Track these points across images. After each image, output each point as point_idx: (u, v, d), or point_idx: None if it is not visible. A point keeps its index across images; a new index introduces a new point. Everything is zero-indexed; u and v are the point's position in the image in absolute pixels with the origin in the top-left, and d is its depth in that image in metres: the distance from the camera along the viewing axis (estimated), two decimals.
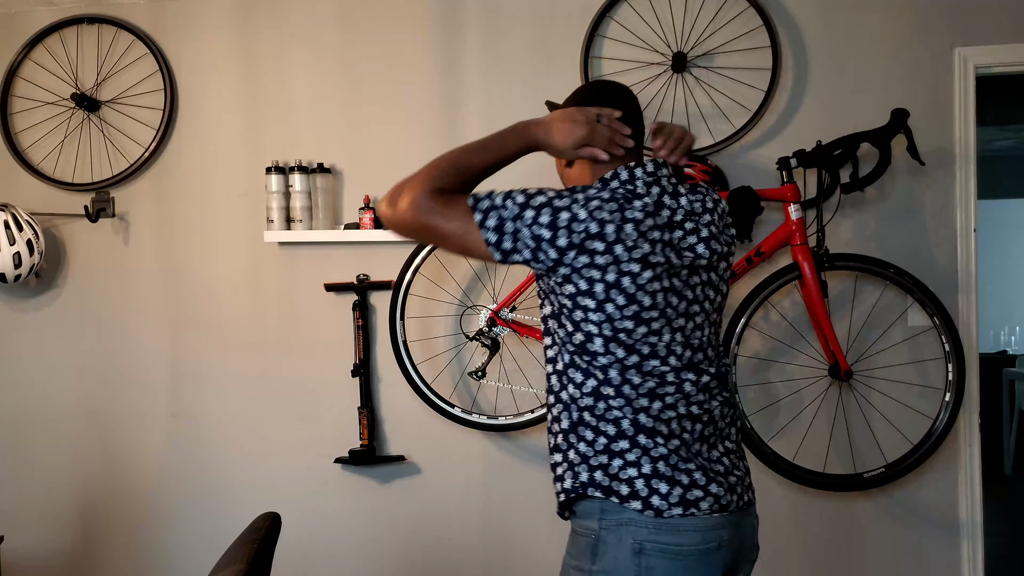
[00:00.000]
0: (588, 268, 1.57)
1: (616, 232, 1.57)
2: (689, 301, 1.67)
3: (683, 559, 1.59)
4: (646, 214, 1.61)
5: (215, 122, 3.34)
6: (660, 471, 1.60)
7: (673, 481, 1.60)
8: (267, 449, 3.28)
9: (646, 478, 1.60)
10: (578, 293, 1.60)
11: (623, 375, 1.62)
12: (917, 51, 2.93)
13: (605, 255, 1.57)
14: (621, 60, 3.05)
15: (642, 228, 1.59)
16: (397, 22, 3.21)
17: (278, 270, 3.27)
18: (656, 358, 1.63)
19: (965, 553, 2.93)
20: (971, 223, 2.91)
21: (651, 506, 1.59)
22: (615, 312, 1.59)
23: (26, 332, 3.45)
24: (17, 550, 3.35)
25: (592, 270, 1.58)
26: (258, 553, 1.73)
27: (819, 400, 2.95)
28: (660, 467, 1.61)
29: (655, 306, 1.61)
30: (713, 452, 1.69)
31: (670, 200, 1.67)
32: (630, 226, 1.58)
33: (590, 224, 1.57)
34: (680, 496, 1.60)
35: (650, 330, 1.61)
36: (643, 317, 1.60)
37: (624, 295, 1.58)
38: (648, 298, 1.60)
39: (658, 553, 1.58)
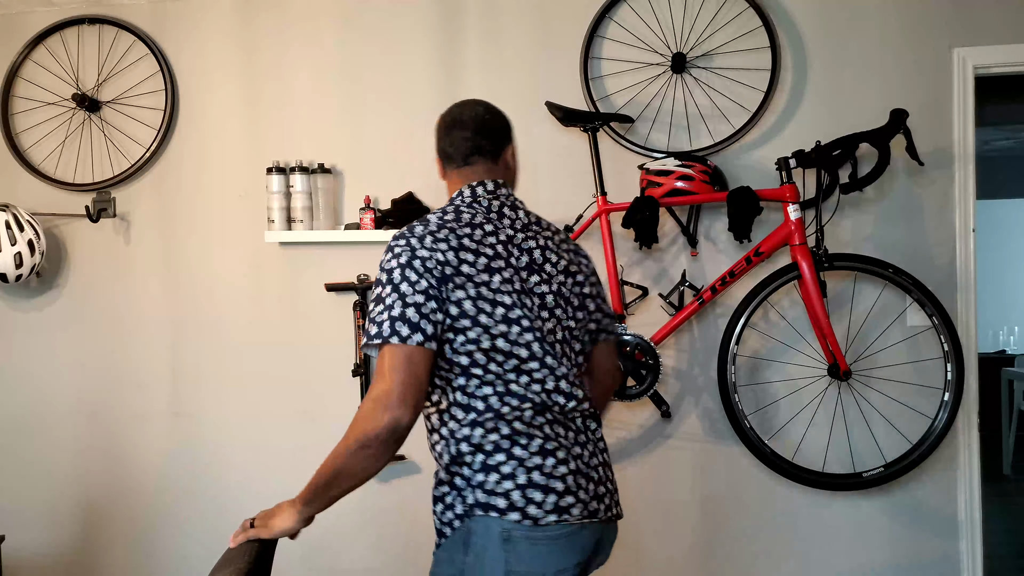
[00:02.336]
0: (455, 290, 1.68)
1: (455, 253, 1.70)
2: (539, 305, 1.76)
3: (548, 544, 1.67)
4: (476, 225, 1.76)
5: (216, 122, 3.34)
6: (535, 480, 1.67)
7: (548, 489, 1.67)
8: (267, 449, 3.28)
9: (522, 489, 1.66)
10: (456, 318, 1.68)
11: (499, 389, 1.70)
12: (916, 51, 2.94)
13: (459, 276, 1.69)
14: (621, 61, 3.05)
15: (476, 237, 1.74)
16: (397, 22, 3.21)
17: (279, 270, 3.28)
18: (535, 360, 1.71)
19: (964, 552, 2.94)
20: (970, 223, 2.92)
21: (528, 515, 1.65)
22: (488, 321, 1.69)
23: (27, 332, 3.45)
24: (18, 549, 3.35)
25: (458, 291, 1.68)
26: (258, 553, 1.74)
27: (818, 400, 2.96)
28: (535, 476, 1.67)
29: (516, 305, 1.71)
30: (592, 459, 1.78)
31: (510, 211, 1.83)
32: (466, 240, 1.73)
33: (436, 255, 1.69)
34: (554, 504, 1.66)
35: (522, 328, 1.71)
36: (510, 317, 1.70)
37: (489, 303, 1.69)
38: (508, 298, 1.71)
39: (524, 539, 1.65)
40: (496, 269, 1.73)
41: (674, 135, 3.03)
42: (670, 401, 2.99)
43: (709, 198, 2.84)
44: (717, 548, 3.05)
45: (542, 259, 1.81)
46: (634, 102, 3.05)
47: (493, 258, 1.74)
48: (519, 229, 1.82)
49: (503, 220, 1.81)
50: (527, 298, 1.74)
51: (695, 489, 3.05)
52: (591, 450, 1.79)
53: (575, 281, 1.86)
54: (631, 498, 3.07)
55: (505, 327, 1.70)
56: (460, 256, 1.71)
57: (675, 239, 3.04)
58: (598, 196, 2.87)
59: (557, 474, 1.68)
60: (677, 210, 2.96)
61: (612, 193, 2.91)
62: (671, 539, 3.07)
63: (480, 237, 1.75)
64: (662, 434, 3.06)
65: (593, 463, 1.78)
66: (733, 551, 3.04)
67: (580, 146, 3.00)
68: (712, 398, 3.00)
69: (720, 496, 3.04)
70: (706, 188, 2.84)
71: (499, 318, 1.70)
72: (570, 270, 1.86)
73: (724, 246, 3.00)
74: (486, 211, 1.81)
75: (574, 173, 3.03)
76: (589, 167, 2.90)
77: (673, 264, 3.03)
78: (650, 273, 3.05)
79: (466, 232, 1.74)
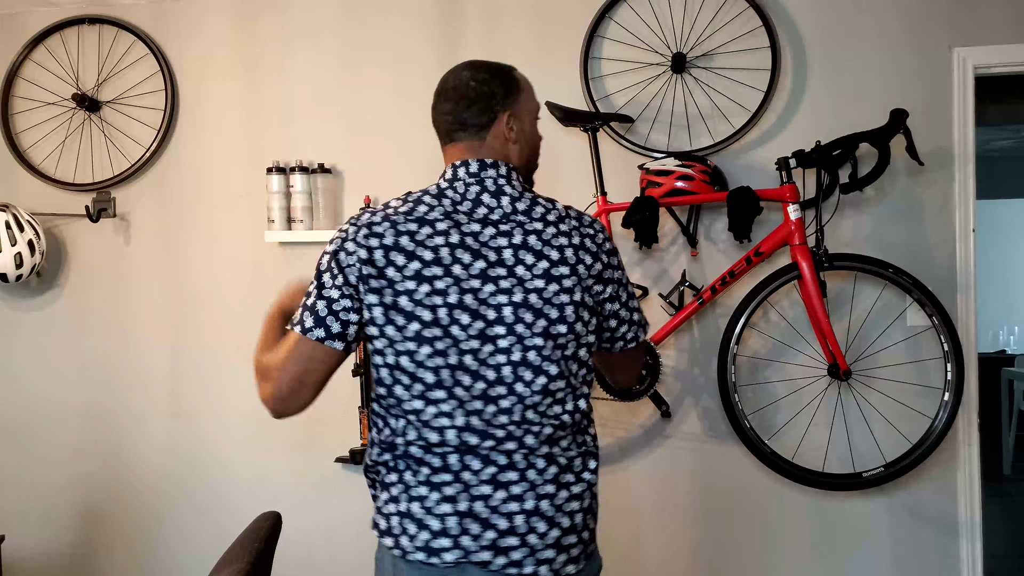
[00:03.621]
0: (368, 294, 1.54)
1: (385, 253, 1.54)
2: (490, 321, 1.54)
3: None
4: (427, 222, 1.56)
5: (216, 122, 3.34)
6: (412, 512, 1.55)
7: (422, 525, 1.54)
8: (267, 449, 3.28)
9: (400, 516, 1.56)
10: (366, 324, 1.56)
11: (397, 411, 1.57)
12: (916, 51, 2.94)
13: (378, 279, 1.53)
14: (621, 60, 3.05)
15: (419, 236, 1.54)
16: (398, 22, 3.21)
17: (279, 270, 3.28)
18: (441, 388, 1.53)
19: (964, 552, 2.93)
20: (970, 223, 2.92)
21: (399, 545, 1.56)
22: (396, 335, 1.53)
23: (27, 332, 3.46)
24: (18, 549, 3.35)
25: (370, 296, 1.54)
26: (259, 553, 1.73)
27: (818, 400, 2.96)
28: (414, 508, 1.55)
29: (435, 322, 1.52)
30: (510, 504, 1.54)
31: (490, 199, 1.60)
32: (405, 239, 1.54)
33: (360, 251, 1.54)
34: (424, 542, 1.54)
35: (433, 350, 1.52)
36: (423, 335, 1.52)
37: (404, 315, 1.53)
38: (428, 312, 1.52)
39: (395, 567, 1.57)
40: (427, 277, 1.52)
41: (674, 135, 3.03)
42: (670, 401, 2.99)
43: (709, 198, 2.83)
44: (717, 548, 3.05)
45: (513, 260, 1.56)
46: (634, 102, 3.05)
47: (429, 264, 1.53)
48: (494, 222, 1.58)
49: (477, 211, 1.58)
50: (463, 314, 1.52)
51: (695, 489, 3.05)
52: (518, 492, 1.54)
53: (562, 287, 1.58)
54: (631, 498, 3.07)
55: (414, 345, 1.52)
56: (389, 257, 1.53)
57: (675, 239, 3.04)
58: (598, 196, 2.87)
59: (436, 512, 1.53)
60: (677, 210, 2.96)
61: (612, 193, 2.91)
62: (671, 539, 3.07)
63: (424, 237, 1.54)
64: (662, 434, 3.06)
65: (509, 508, 1.54)
66: (733, 551, 3.04)
67: (580, 146, 3.00)
68: (712, 398, 3.00)
69: (720, 496, 3.04)
70: (706, 188, 2.84)
71: (410, 334, 1.52)
72: (554, 274, 1.58)
73: (724, 246, 3.00)
74: (459, 200, 1.59)
75: (574, 173, 3.03)
76: (589, 167, 2.90)
77: (673, 264, 3.03)
78: (650, 273, 3.04)
79: (410, 229, 1.54)
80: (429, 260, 1.53)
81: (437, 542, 1.53)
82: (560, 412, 1.59)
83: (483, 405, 1.54)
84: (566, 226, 1.62)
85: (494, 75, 1.68)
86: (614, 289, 1.68)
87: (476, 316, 1.53)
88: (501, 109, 1.66)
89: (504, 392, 1.54)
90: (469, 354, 1.53)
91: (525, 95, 1.72)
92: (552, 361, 1.57)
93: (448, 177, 1.64)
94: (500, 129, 1.66)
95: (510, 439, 1.55)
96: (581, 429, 1.65)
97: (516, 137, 1.68)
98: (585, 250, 1.63)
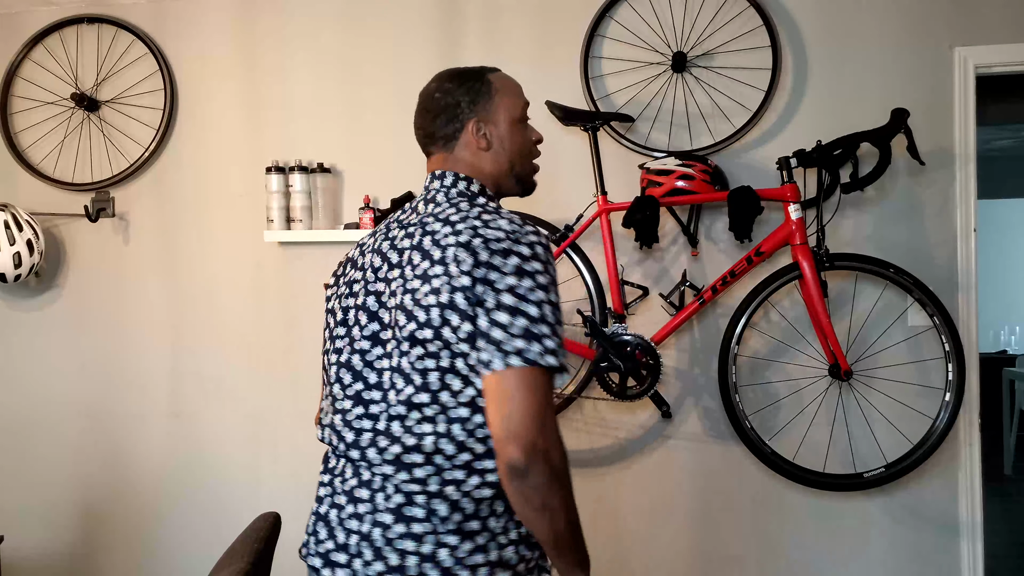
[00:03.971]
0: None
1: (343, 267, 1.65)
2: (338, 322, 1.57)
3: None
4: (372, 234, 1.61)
5: (215, 122, 3.34)
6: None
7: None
8: (267, 449, 3.28)
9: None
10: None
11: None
12: (917, 51, 2.93)
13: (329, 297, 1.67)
14: (621, 60, 3.05)
15: (362, 249, 1.60)
16: (397, 22, 3.21)
17: (278, 270, 3.28)
18: (326, 386, 1.60)
19: (965, 553, 2.93)
20: (971, 223, 2.92)
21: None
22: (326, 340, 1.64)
23: (26, 332, 3.45)
24: (17, 550, 3.35)
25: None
26: (259, 553, 1.73)
27: (819, 400, 2.95)
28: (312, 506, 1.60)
29: (326, 326, 1.61)
30: (341, 512, 1.50)
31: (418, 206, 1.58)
32: (354, 251, 1.63)
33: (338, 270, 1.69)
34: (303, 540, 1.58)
35: (323, 350, 1.61)
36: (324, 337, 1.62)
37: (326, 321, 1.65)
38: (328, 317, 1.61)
39: None
40: (336, 285, 1.62)
41: (675, 134, 3.03)
42: (671, 401, 2.99)
43: (710, 198, 2.83)
44: (717, 548, 3.04)
45: (380, 262, 1.52)
46: (634, 101, 3.04)
47: (344, 273, 1.61)
48: (400, 226, 1.54)
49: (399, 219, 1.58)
50: (333, 317, 1.59)
51: (695, 489, 3.04)
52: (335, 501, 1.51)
53: (404, 288, 1.43)
54: (632, 498, 3.07)
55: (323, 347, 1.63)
56: (344, 269, 1.63)
57: (676, 239, 3.04)
58: (598, 196, 2.87)
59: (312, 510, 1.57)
60: (678, 210, 2.95)
61: (612, 193, 2.90)
62: (671, 539, 3.06)
63: (360, 250, 1.60)
64: (662, 434, 3.05)
65: (342, 515, 1.48)
66: (733, 551, 3.03)
67: (580, 146, 3.00)
68: (713, 398, 3.00)
69: (721, 496, 3.03)
70: (707, 188, 2.83)
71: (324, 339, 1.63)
72: (384, 276, 1.48)
73: (725, 246, 3.00)
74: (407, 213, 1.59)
75: (574, 173, 3.03)
76: (589, 167, 2.89)
77: (674, 264, 3.03)
78: (650, 273, 3.04)
79: (361, 243, 1.63)
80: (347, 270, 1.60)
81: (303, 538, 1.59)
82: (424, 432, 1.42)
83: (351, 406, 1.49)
84: (409, 232, 1.49)
85: (461, 83, 1.60)
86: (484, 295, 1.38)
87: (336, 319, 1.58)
88: (467, 117, 1.59)
89: (339, 394, 1.53)
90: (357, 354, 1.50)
91: (500, 98, 1.61)
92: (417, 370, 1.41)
93: (418, 195, 1.66)
94: (468, 138, 1.59)
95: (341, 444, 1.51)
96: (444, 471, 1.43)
97: (488, 144, 1.60)
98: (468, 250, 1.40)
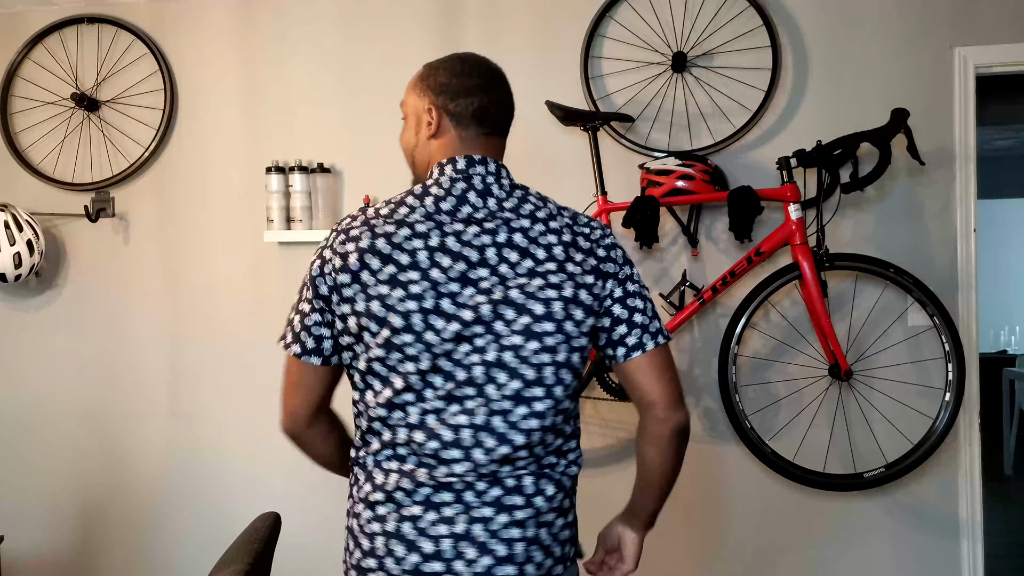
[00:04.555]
0: (340, 304, 1.48)
1: (360, 256, 1.46)
2: (469, 321, 1.45)
3: None
4: (407, 224, 1.48)
5: (215, 122, 3.34)
6: (403, 532, 1.47)
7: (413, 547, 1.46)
8: (267, 449, 3.27)
9: (387, 536, 1.48)
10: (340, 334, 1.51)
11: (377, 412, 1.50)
12: (917, 51, 2.93)
13: (351, 286, 1.47)
14: (621, 60, 3.05)
15: (396, 239, 1.46)
16: (397, 22, 3.21)
17: (278, 270, 3.27)
18: (411, 391, 1.46)
19: (965, 553, 2.93)
20: (971, 223, 2.91)
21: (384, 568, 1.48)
22: (371, 340, 1.47)
23: (26, 332, 3.45)
24: (17, 550, 3.35)
25: (343, 306, 1.48)
26: (258, 553, 1.73)
27: (819, 400, 2.95)
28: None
29: (408, 328, 1.44)
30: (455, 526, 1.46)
31: (476, 198, 1.52)
32: (381, 241, 1.46)
33: (335, 260, 1.48)
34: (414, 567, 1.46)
35: (404, 356, 1.45)
36: (393, 342, 1.45)
37: (376, 321, 1.46)
38: (399, 319, 1.44)
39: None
40: (402, 282, 1.44)
41: (674, 134, 3.03)
42: None
43: (710, 198, 2.83)
44: (717, 548, 3.04)
45: (497, 259, 1.48)
46: (634, 101, 3.04)
47: (406, 268, 1.45)
48: (478, 221, 1.50)
49: (461, 210, 1.50)
50: (439, 319, 1.44)
51: (695, 489, 3.04)
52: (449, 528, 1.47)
53: (548, 283, 1.48)
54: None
55: (383, 352, 1.46)
56: (364, 260, 1.45)
57: (676, 239, 3.03)
58: (598, 196, 2.87)
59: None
60: (678, 210, 2.95)
61: (612, 193, 2.90)
62: (671, 539, 3.06)
63: (401, 240, 1.46)
64: None
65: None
66: (734, 551, 3.03)
67: (580, 145, 3.00)
68: (713, 398, 3.00)
69: (721, 496, 3.03)
70: (707, 188, 2.83)
71: (381, 340, 1.45)
72: (539, 271, 1.49)
73: (725, 246, 2.99)
74: (442, 198, 1.51)
75: (574, 173, 3.03)
76: (589, 167, 2.89)
77: (674, 264, 3.03)
78: (650, 273, 3.04)
79: (388, 231, 1.47)
80: (405, 264, 1.45)
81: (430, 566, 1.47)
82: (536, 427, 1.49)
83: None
84: (546, 228, 1.53)
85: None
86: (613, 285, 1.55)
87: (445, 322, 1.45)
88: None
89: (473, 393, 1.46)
90: (443, 357, 1.45)
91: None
92: (531, 365, 1.47)
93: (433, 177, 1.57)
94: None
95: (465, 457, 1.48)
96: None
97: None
98: (576, 251, 1.53)
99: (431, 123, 1.59)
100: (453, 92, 1.59)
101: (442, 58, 1.67)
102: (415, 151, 1.63)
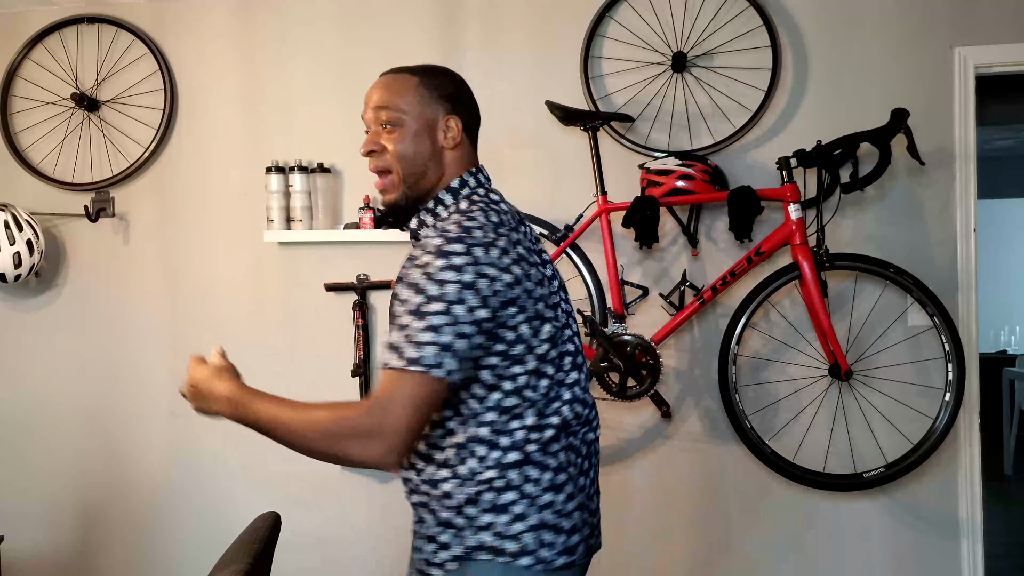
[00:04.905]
0: (517, 315, 1.47)
1: (519, 265, 1.48)
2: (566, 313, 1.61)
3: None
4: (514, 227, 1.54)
5: (215, 122, 3.34)
6: (546, 521, 1.52)
7: (558, 530, 1.53)
8: (267, 449, 3.26)
9: (535, 531, 1.51)
10: (511, 344, 1.48)
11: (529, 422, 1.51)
12: (917, 51, 2.93)
13: (521, 296, 1.49)
14: (621, 60, 3.05)
15: (526, 243, 1.54)
16: (397, 22, 3.21)
17: (278, 270, 3.27)
18: (562, 372, 1.55)
19: (965, 553, 2.93)
20: (971, 223, 2.91)
21: (540, 559, 1.51)
22: (536, 342, 1.50)
23: (26, 332, 3.45)
24: (17, 550, 3.34)
25: (519, 315, 1.48)
26: (258, 553, 1.73)
27: (819, 400, 2.95)
28: (547, 516, 1.52)
29: (552, 318, 1.53)
30: (592, 487, 1.63)
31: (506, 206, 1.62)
32: (521, 247, 1.51)
33: (504, 275, 1.45)
34: (563, 544, 1.53)
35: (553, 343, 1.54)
36: (545, 334, 1.52)
37: (540, 320, 1.51)
38: (550, 311, 1.53)
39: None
40: (542, 279, 1.54)
41: (674, 134, 3.03)
42: (671, 401, 2.98)
43: (710, 198, 2.83)
44: (718, 549, 3.04)
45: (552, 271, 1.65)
46: (634, 101, 3.04)
47: (539, 265, 1.55)
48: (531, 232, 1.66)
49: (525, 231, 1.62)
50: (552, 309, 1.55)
51: (696, 490, 3.04)
52: (592, 476, 1.63)
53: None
54: (632, 499, 3.07)
55: (548, 346, 1.52)
56: (523, 268, 1.49)
57: (676, 239, 3.03)
58: (598, 196, 2.87)
59: (566, 511, 1.54)
60: (678, 210, 2.95)
61: (612, 193, 2.90)
62: (672, 540, 3.06)
63: (529, 243, 1.55)
64: (663, 435, 3.05)
65: (592, 491, 1.63)
66: (734, 552, 3.03)
67: (580, 145, 2.99)
68: (713, 398, 3.00)
69: (721, 497, 3.03)
70: (707, 188, 2.83)
71: (545, 336, 1.51)
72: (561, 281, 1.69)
73: (725, 246, 2.99)
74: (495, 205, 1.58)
75: (574, 172, 3.03)
76: (589, 167, 2.89)
77: (674, 264, 3.03)
78: (650, 273, 3.04)
79: (518, 237, 1.52)
80: (538, 263, 1.55)
81: (572, 539, 1.55)
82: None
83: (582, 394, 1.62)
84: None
85: None
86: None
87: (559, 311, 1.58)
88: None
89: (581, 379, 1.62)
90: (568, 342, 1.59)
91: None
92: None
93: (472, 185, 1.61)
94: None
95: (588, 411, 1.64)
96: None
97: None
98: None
99: (452, 135, 1.59)
100: (464, 104, 1.61)
101: (427, 66, 1.65)
102: (428, 161, 1.59)
